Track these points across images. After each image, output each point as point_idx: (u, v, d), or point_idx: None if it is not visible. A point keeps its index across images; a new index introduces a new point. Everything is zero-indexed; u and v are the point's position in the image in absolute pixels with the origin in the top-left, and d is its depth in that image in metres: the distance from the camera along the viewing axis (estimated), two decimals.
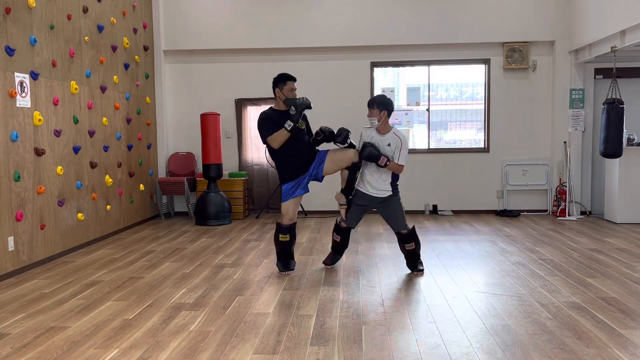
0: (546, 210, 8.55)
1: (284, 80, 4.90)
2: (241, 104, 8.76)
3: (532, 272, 4.96)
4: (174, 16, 8.57)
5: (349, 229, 5.19)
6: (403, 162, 4.83)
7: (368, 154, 4.75)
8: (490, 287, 4.54)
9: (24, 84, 5.26)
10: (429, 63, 8.67)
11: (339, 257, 5.36)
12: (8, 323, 3.79)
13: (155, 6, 8.45)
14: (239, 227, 7.63)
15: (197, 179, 8.44)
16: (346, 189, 4.97)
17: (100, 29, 6.78)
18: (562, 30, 8.23)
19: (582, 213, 8.34)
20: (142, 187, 7.91)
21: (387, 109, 4.86)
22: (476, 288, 4.50)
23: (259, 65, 8.63)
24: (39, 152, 5.45)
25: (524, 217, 8.24)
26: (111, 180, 6.93)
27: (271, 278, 4.90)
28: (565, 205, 8.11)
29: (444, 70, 8.76)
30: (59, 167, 5.82)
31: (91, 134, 6.52)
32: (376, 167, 4.84)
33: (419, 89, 8.76)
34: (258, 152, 8.81)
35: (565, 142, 8.30)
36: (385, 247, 6.14)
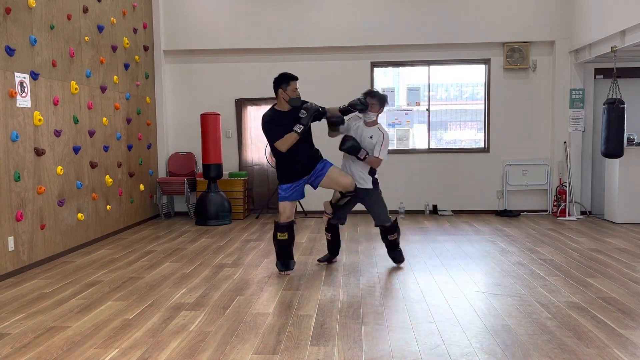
0: (546, 210, 8.55)
1: (287, 80, 4.81)
2: (241, 104, 8.77)
3: (532, 272, 4.96)
4: (174, 16, 8.57)
5: (336, 226, 5.36)
6: (383, 157, 5.04)
7: (349, 146, 4.93)
8: (490, 287, 4.54)
9: (24, 84, 5.26)
10: (429, 63, 8.66)
11: (334, 256, 5.47)
12: (8, 323, 3.79)
13: (155, 6, 8.45)
14: (239, 227, 7.63)
15: (197, 179, 8.44)
16: (334, 204, 5.14)
17: (101, 29, 6.78)
18: (562, 30, 8.23)
19: (582, 213, 8.34)
20: (142, 187, 7.91)
21: (384, 107, 5.15)
22: (476, 288, 4.50)
23: (259, 65, 8.63)
24: (39, 152, 5.45)
25: (524, 217, 8.24)
26: (111, 180, 6.93)
27: (271, 278, 4.91)
28: (565, 205, 8.11)
29: (444, 70, 8.76)
30: (59, 167, 5.82)
31: (91, 134, 6.52)
32: (355, 159, 5.04)
33: (419, 89, 8.76)
34: (258, 152, 8.81)
35: (565, 142, 8.30)
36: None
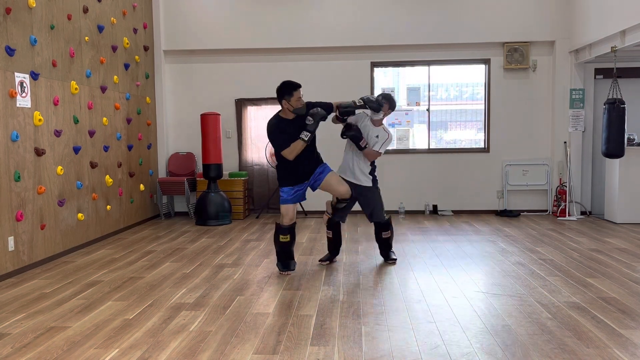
0: (546, 210, 8.55)
1: (289, 91, 4.65)
2: (241, 104, 8.77)
3: (532, 272, 4.96)
4: (174, 16, 8.57)
5: (338, 223, 5.41)
6: (382, 150, 5.25)
7: (352, 134, 5.06)
8: (490, 287, 4.54)
9: (24, 84, 5.26)
10: (429, 63, 8.66)
11: (335, 255, 5.49)
12: (8, 323, 3.79)
13: (155, 6, 8.45)
14: (239, 227, 7.63)
15: (197, 179, 8.44)
16: (333, 206, 5.24)
17: (101, 29, 6.78)
18: (562, 30, 8.23)
19: (582, 213, 8.34)
20: (142, 187, 7.91)
21: (391, 111, 5.35)
22: (476, 288, 4.50)
23: (259, 65, 8.64)
24: (39, 152, 5.45)
25: (524, 217, 8.24)
26: (111, 180, 6.93)
27: (271, 278, 4.91)
28: (565, 205, 8.10)
29: (444, 70, 8.76)
30: (59, 167, 5.82)
31: (91, 134, 6.52)
32: (357, 157, 5.18)
33: (419, 89, 8.76)
34: (258, 152, 8.81)
35: (565, 142, 8.29)
36: None
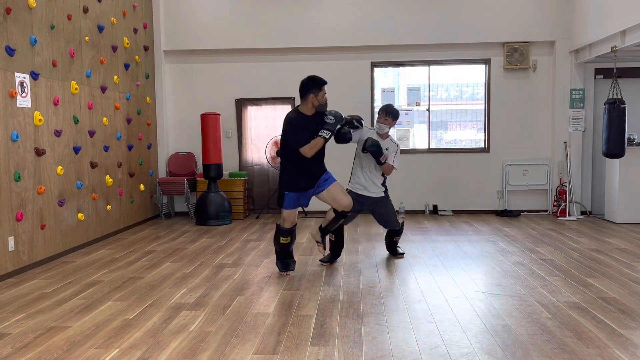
0: (546, 210, 8.55)
1: (319, 85, 4.58)
2: (241, 104, 8.77)
3: (532, 272, 4.96)
4: (174, 16, 8.57)
5: (341, 226, 5.39)
6: (396, 165, 5.44)
7: (375, 149, 5.12)
8: (490, 287, 4.54)
9: (24, 84, 5.26)
10: (429, 63, 8.66)
11: (336, 257, 5.48)
12: (8, 323, 3.79)
13: (155, 6, 8.45)
14: (239, 227, 7.63)
15: (197, 179, 8.44)
16: (323, 230, 5.15)
17: (101, 29, 6.78)
18: (562, 30, 8.23)
19: (583, 213, 8.34)
20: (142, 187, 7.91)
21: (396, 120, 5.53)
22: (476, 288, 4.50)
23: (259, 65, 8.64)
24: (39, 152, 5.45)
25: (524, 217, 8.24)
26: (111, 180, 6.93)
27: (271, 278, 4.91)
28: (565, 205, 8.10)
29: (444, 70, 8.76)
30: (59, 167, 5.82)
31: (91, 134, 6.52)
32: (368, 171, 5.31)
33: (419, 89, 8.76)
34: (258, 152, 8.81)
35: (565, 142, 8.29)
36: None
